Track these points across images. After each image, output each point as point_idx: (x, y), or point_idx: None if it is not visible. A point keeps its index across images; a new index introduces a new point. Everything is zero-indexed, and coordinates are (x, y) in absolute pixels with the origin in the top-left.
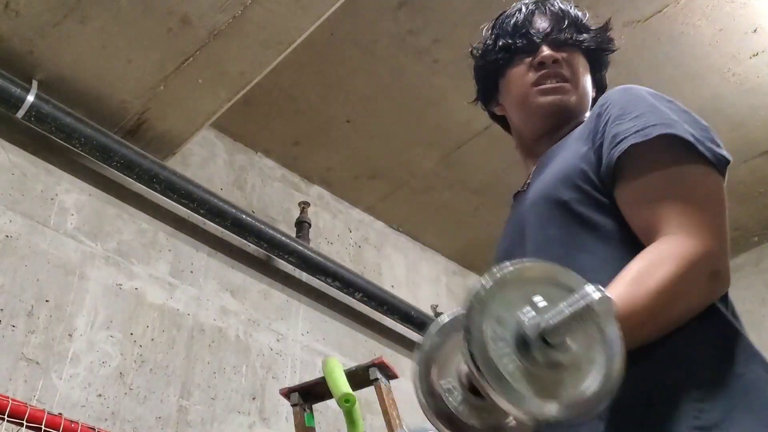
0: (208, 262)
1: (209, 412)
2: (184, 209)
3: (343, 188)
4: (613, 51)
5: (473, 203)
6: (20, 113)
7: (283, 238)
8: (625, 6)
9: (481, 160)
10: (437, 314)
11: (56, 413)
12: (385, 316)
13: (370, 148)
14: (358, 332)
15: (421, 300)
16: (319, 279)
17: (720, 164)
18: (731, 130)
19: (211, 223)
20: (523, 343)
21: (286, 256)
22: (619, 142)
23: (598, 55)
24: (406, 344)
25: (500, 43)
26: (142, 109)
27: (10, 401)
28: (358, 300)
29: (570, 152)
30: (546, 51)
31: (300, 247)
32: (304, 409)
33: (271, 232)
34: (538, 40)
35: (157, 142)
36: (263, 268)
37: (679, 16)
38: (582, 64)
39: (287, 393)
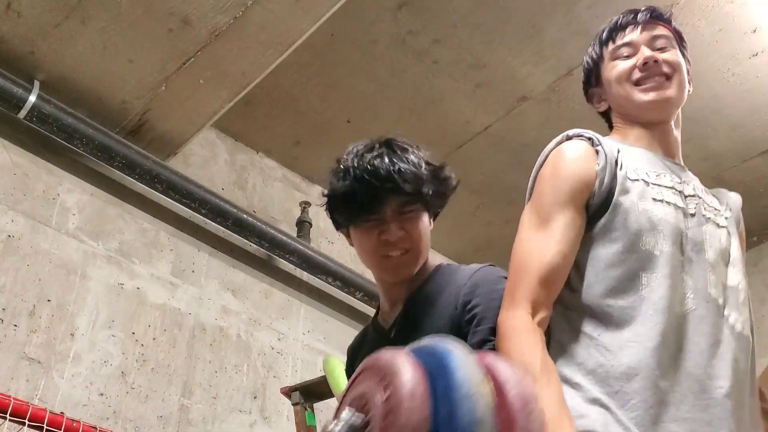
0: (210, 262)
1: (210, 411)
2: (186, 209)
3: None
4: None
5: (473, 203)
6: (22, 113)
7: (284, 237)
8: (626, 7)
9: (481, 160)
10: None
11: (58, 412)
12: None
13: None
14: (359, 331)
15: None
16: (319, 278)
17: None
18: (731, 131)
19: (213, 223)
20: None
21: (287, 256)
22: None
23: None
24: None
25: None
26: (143, 109)
27: (12, 400)
28: (358, 299)
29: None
30: None
31: (301, 247)
32: (305, 408)
33: (272, 231)
34: None
35: (158, 142)
36: (264, 267)
37: (679, 16)
38: None
39: (288, 392)
